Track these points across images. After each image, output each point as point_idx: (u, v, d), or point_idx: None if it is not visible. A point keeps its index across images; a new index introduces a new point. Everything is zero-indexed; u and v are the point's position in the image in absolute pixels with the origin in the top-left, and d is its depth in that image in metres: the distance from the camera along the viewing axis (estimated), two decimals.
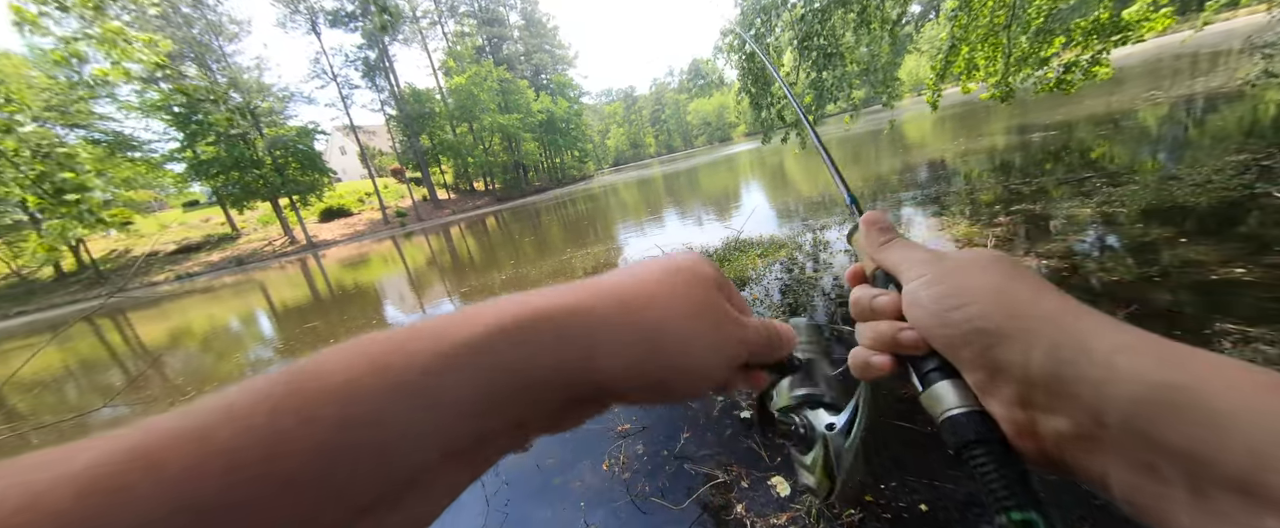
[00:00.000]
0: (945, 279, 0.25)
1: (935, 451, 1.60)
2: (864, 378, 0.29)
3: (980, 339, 0.23)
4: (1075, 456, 0.21)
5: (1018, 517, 0.21)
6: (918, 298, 0.26)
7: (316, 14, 34.64)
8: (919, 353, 0.26)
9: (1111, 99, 9.31)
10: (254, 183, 27.13)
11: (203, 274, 24.20)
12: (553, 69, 59.79)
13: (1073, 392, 0.20)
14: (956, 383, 0.25)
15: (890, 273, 0.29)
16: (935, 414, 0.25)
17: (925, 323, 0.25)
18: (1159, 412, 0.18)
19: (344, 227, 32.31)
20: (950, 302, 0.24)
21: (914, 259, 0.27)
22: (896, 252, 0.29)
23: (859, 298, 0.30)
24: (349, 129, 36.67)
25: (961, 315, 0.24)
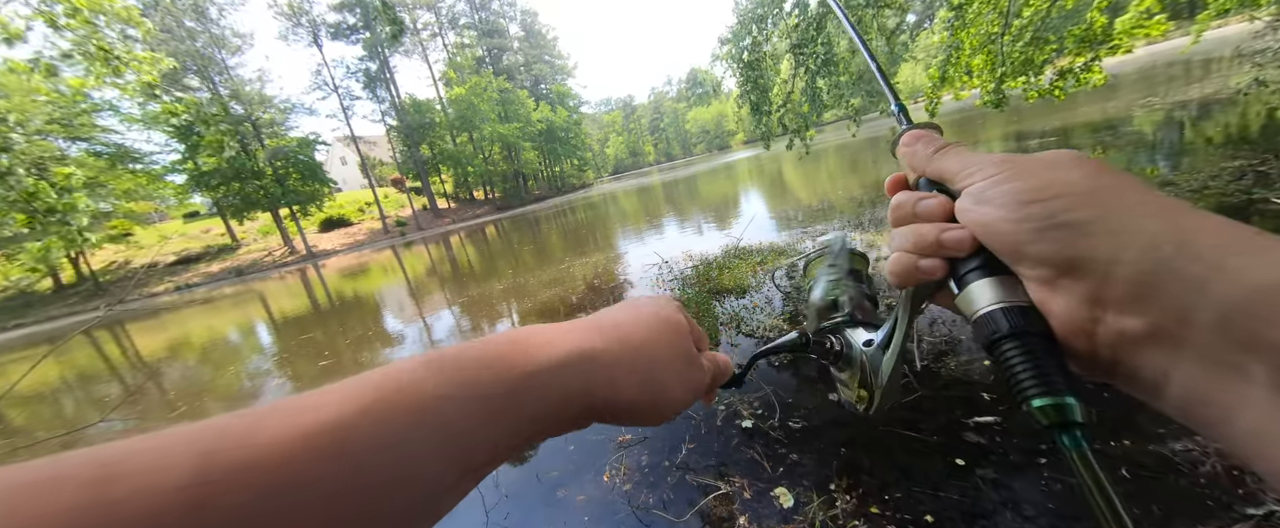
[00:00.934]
0: (1026, 175, 0.24)
1: (940, 460, 1.58)
2: (907, 284, 0.28)
3: (1062, 233, 0.22)
4: (1135, 355, 0.20)
5: (1046, 402, 0.20)
6: (986, 196, 0.25)
7: (319, 27, 35.06)
8: (963, 253, 0.26)
9: (1107, 105, 9.39)
10: (255, 194, 27.24)
11: (202, 285, 24.17)
12: (552, 79, 60.35)
13: (1164, 289, 0.19)
14: (1002, 279, 0.24)
15: (943, 180, 0.28)
16: (971, 312, 0.25)
17: (990, 218, 0.24)
18: (1269, 308, 0.17)
19: (344, 236, 32.35)
20: (1031, 195, 0.23)
21: (982, 161, 0.26)
22: (956, 157, 0.28)
23: (902, 202, 0.29)
24: (350, 139, 36.93)
25: (1043, 209, 0.23)
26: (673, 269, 5.00)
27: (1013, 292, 0.24)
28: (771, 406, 2.13)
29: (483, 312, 5.46)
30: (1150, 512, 1.23)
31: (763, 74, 7.31)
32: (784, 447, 1.85)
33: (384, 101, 37.52)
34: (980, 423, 1.69)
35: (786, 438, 1.89)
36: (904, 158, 0.31)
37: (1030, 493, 1.38)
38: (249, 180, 26.94)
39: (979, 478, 1.47)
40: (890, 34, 7.01)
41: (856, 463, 1.66)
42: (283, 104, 31.74)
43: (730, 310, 3.42)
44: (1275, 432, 0.17)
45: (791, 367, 2.47)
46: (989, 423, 1.68)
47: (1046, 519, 1.30)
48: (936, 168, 0.29)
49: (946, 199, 0.27)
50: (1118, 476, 1.35)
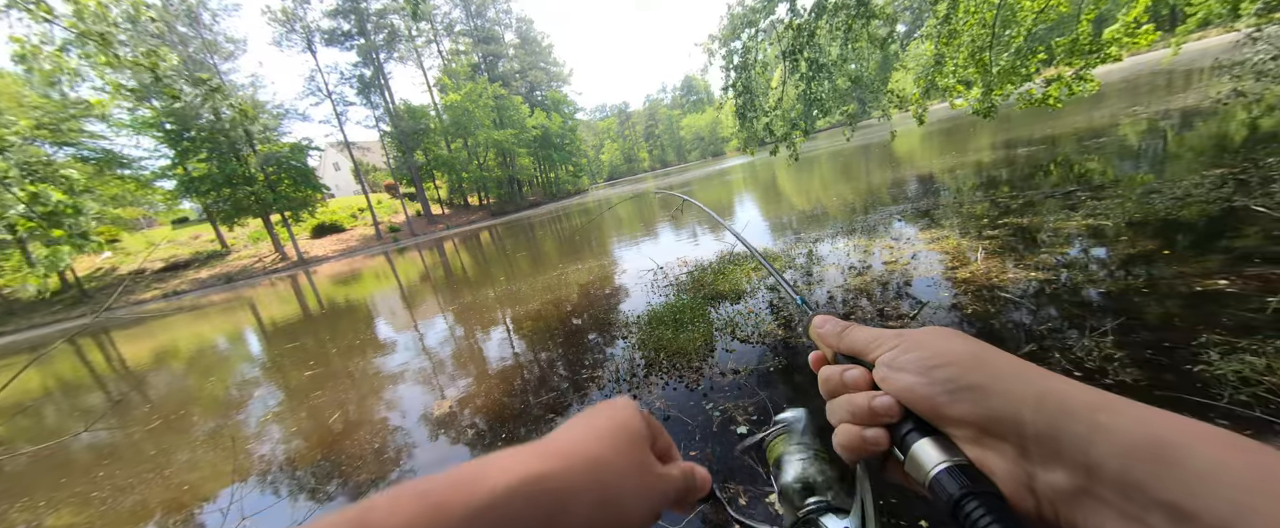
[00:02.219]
0: (921, 346, 0.28)
1: None
2: (859, 456, 0.30)
3: (970, 395, 0.24)
4: (1073, 512, 0.21)
5: None
6: (897, 363, 0.28)
7: (313, 33, 35.01)
8: (894, 418, 0.28)
9: (1094, 115, 9.58)
10: (246, 199, 26.99)
11: (191, 292, 23.81)
12: (548, 85, 60.59)
13: (1066, 445, 0.21)
14: (938, 439, 0.26)
15: (855, 354, 0.32)
16: (922, 476, 0.25)
17: (906, 384, 0.27)
18: (1147, 464, 0.19)
19: (336, 242, 32.08)
20: (932, 361, 0.26)
21: (882, 336, 0.30)
22: (861, 334, 0.32)
23: (829, 375, 0.32)
24: (343, 145, 36.72)
25: (946, 374, 0.25)
26: (668, 275, 5.01)
27: (950, 450, 0.25)
28: (767, 411, 2.13)
29: (476, 319, 5.42)
30: None
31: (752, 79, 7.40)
32: None
33: (378, 107, 37.45)
34: None
35: None
36: (817, 339, 0.35)
37: None
38: (240, 186, 26.70)
39: None
40: (882, 42, 7.13)
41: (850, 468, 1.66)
42: (275, 110, 31.57)
43: (725, 316, 3.43)
44: None
45: (789, 372, 2.48)
46: None
47: None
48: (847, 345, 0.32)
49: (865, 371, 0.30)
50: None
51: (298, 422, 3.50)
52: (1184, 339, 1.90)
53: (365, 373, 4.35)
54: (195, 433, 3.74)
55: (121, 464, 3.36)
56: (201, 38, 29.52)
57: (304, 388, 4.25)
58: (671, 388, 2.58)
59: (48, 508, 2.91)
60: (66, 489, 3.12)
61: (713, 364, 2.75)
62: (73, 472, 3.43)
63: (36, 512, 2.89)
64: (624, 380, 2.81)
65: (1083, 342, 2.05)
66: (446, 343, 4.84)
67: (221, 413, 4.12)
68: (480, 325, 5.10)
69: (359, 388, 3.96)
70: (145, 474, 3.11)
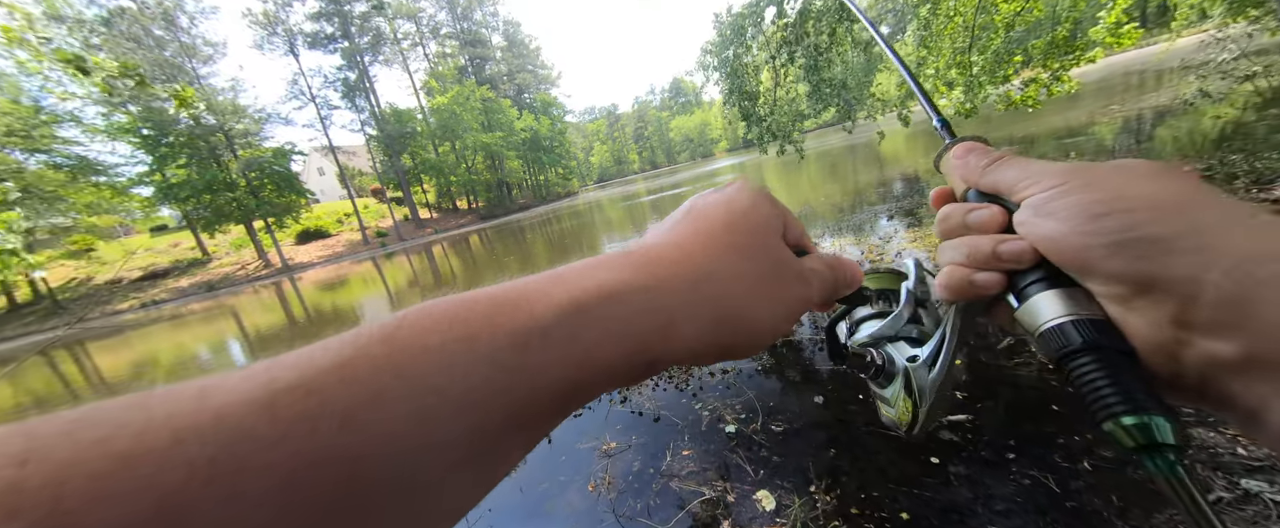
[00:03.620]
0: (1094, 186, 0.22)
1: (915, 459, 1.62)
2: (959, 298, 0.27)
3: (1139, 249, 0.20)
4: (1228, 382, 0.19)
5: (1132, 421, 0.18)
6: (1049, 208, 0.23)
7: (295, 36, 34.46)
8: (1023, 265, 0.24)
9: (1071, 114, 9.84)
10: (227, 206, 26.41)
11: (170, 301, 23.22)
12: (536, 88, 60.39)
13: (1261, 313, 0.17)
14: (1070, 291, 0.23)
15: (998, 192, 0.27)
16: (1035, 326, 0.23)
17: (1054, 232, 0.23)
18: None
19: (322, 248, 31.55)
20: (1103, 207, 0.21)
21: (1044, 170, 0.25)
22: (1013, 168, 0.26)
23: (950, 213, 0.28)
24: (327, 150, 36.17)
25: (1117, 223, 0.21)
26: None
27: (1084, 305, 0.22)
28: (754, 410, 2.16)
29: None
30: (1110, 502, 1.29)
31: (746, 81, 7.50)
32: (766, 450, 1.87)
33: (363, 111, 36.96)
34: (953, 421, 1.74)
35: (769, 442, 1.92)
36: (955, 170, 0.30)
37: (1001, 488, 1.43)
38: (221, 192, 26.13)
39: (952, 475, 1.52)
40: (865, 46, 7.26)
41: (836, 465, 1.70)
42: (257, 114, 30.98)
43: None
44: None
45: (777, 370, 2.51)
46: (961, 421, 1.74)
47: (1017, 514, 1.34)
48: (991, 180, 0.27)
49: (1001, 210, 0.26)
50: (1079, 467, 1.41)
51: None
52: None
53: None
54: None
55: None
56: (179, 41, 28.89)
57: None
58: (661, 389, 2.59)
59: None
60: None
61: None
62: None
63: None
64: None
65: None
66: None
67: None
68: None
69: None
70: None
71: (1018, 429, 1.64)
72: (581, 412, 2.53)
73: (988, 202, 0.27)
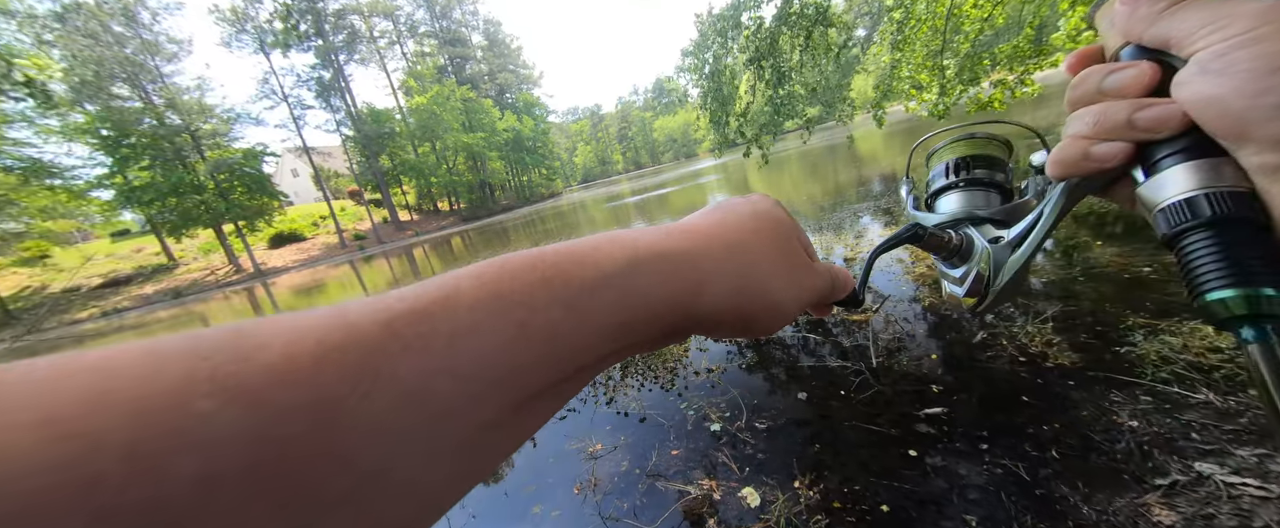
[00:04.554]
0: None
1: (895, 451, 1.67)
2: (1072, 174, 0.24)
3: None
4: None
5: (1240, 293, 0.17)
6: (1222, 61, 0.19)
7: (264, 33, 33.36)
8: (1165, 134, 0.21)
9: (1038, 114, 10.23)
10: (194, 209, 25.42)
11: (135, 309, 22.19)
12: (518, 88, 59.81)
13: None
14: (1212, 162, 0.20)
15: (1167, 46, 0.22)
16: (1158, 201, 0.20)
17: (1219, 91, 0.19)
18: None
19: (297, 252, 30.61)
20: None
21: (1241, 12, 0.20)
22: (1201, 11, 0.21)
23: (1086, 76, 0.24)
24: (301, 150, 35.13)
25: None
26: None
27: (1227, 177, 0.19)
28: (738, 408, 2.18)
29: None
30: (1077, 488, 1.34)
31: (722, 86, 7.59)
32: (751, 448, 1.89)
33: (339, 111, 36.01)
34: (929, 415, 1.80)
35: (753, 439, 1.94)
36: (1118, 19, 0.24)
37: (975, 478, 1.48)
38: (188, 195, 25.11)
39: (929, 467, 1.56)
40: (838, 50, 7.42)
41: (819, 460, 1.73)
42: (226, 114, 29.88)
43: None
44: None
45: (761, 368, 2.54)
46: (937, 414, 1.79)
47: (989, 502, 1.39)
48: (1163, 29, 0.22)
49: (1155, 68, 0.22)
50: (1048, 456, 1.47)
51: None
52: (1114, 323, 2.07)
53: None
54: None
55: None
56: (140, 37, 27.65)
57: None
58: (647, 389, 2.60)
59: None
60: None
61: (687, 364, 2.79)
62: None
63: None
64: (600, 384, 2.82)
65: (1026, 328, 2.20)
66: None
67: None
68: None
69: None
70: None
71: (990, 421, 1.70)
72: (566, 414, 2.52)
73: (1147, 59, 0.22)
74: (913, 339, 2.42)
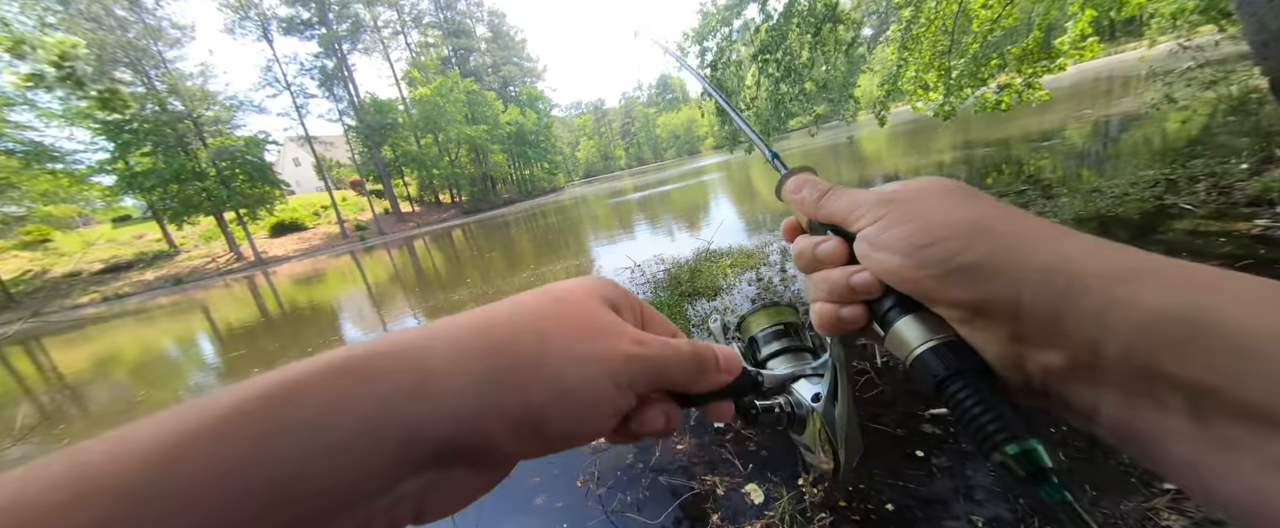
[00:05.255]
0: (910, 218, 0.24)
1: (899, 451, 1.66)
2: (834, 333, 0.28)
3: (963, 277, 0.21)
4: (1065, 388, 0.20)
5: (1015, 450, 0.19)
6: (879, 241, 0.24)
7: (269, 20, 33.14)
8: (874, 295, 0.25)
9: (1045, 118, 10.18)
10: (196, 196, 25.33)
11: (135, 295, 22.21)
12: (521, 81, 59.52)
13: (1069, 325, 0.19)
14: (922, 316, 0.24)
15: (833, 223, 0.28)
16: (905, 354, 0.24)
17: (890, 265, 0.24)
18: (1168, 340, 0.16)
19: (297, 241, 30.57)
20: (922, 238, 0.23)
21: (864, 202, 0.26)
22: (840, 200, 0.28)
23: (803, 249, 0.29)
24: (303, 139, 35.02)
25: (939, 253, 0.22)
26: (645, 273, 5.02)
27: (937, 328, 0.23)
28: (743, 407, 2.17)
29: None
30: (1084, 490, 1.34)
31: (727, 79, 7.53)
32: (754, 444, 1.89)
33: (342, 100, 35.84)
34: (935, 414, 1.79)
35: (757, 436, 1.94)
36: (793, 204, 0.32)
37: (979, 478, 1.48)
38: (189, 182, 25.04)
39: (934, 467, 1.56)
40: (847, 47, 7.35)
41: None
42: (228, 101, 29.75)
43: (701, 313, 3.47)
44: (1206, 462, 0.16)
45: None
46: (942, 415, 1.78)
47: (994, 502, 1.39)
48: (826, 213, 0.29)
49: (842, 242, 0.27)
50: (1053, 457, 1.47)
51: None
52: None
53: None
54: None
55: None
56: (143, 22, 27.48)
57: None
58: None
59: None
60: None
61: None
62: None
63: None
64: None
65: None
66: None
67: None
68: None
69: None
70: None
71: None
72: None
73: (830, 231, 0.29)
74: None
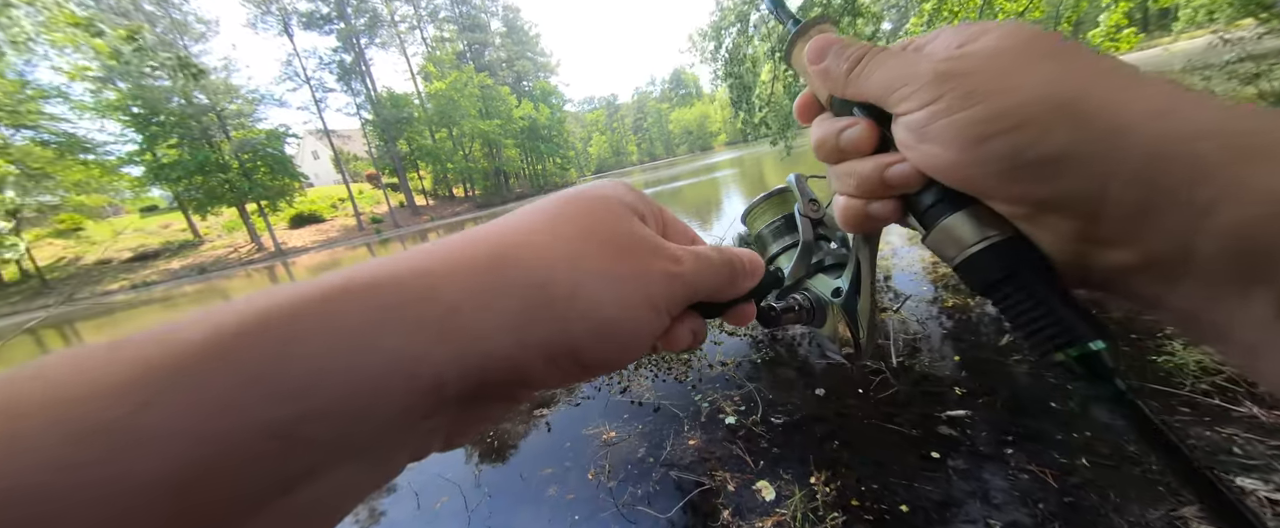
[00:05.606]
0: (973, 98, 0.19)
1: (915, 452, 1.64)
2: (862, 231, 0.26)
3: (1032, 171, 0.18)
4: (1129, 281, 0.18)
5: (1076, 352, 0.18)
6: (928, 132, 0.20)
7: (289, 15, 33.74)
8: (914, 189, 0.22)
9: None
10: (219, 187, 26.05)
11: (161, 283, 22.98)
12: (535, 76, 59.69)
13: (1161, 221, 0.16)
14: (974, 211, 0.21)
15: (865, 101, 0.23)
16: (954, 253, 0.21)
17: (941, 161, 0.20)
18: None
19: (316, 233, 31.26)
20: (986, 128, 0.18)
21: (914, 77, 0.20)
22: (879, 73, 0.22)
23: (824, 136, 0.24)
24: (322, 133, 35.69)
25: (1005, 145, 0.18)
26: None
27: (992, 223, 0.20)
28: (754, 402, 2.17)
29: None
30: (1108, 498, 1.30)
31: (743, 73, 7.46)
32: (766, 442, 1.88)
33: (359, 94, 36.43)
34: (952, 416, 1.76)
35: (768, 433, 1.93)
36: (813, 76, 0.25)
37: (997, 482, 1.45)
38: (213, 173, 25.74)
39: (951, 469, 1.53)
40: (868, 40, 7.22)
41: (836, 457, 1.71)
42: (250, 95, 30.45)
43: None
44: (1273, 349, 0.15)
45: (777, 363, 2.52)
46: (960, 417, 1.75)
47: (1013, 507, 1.36)
48: (858, 90, 0.23)
49: (873, 125, 0.23)
50: (1077, 464, 1.43)
51: None
52: (1150, 331, 1.99)
53: None
54: None
55: None
56: (170, 17, 28.22)
57: None
58: (661, 380, 2.60)
59: None
60: None
61: (701, 357, 2.78)
62: None
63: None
64: (613, 374, 2.83)
65: None
66: None
67: None
68: None
69: None
70: None
71: (1015, 425, 1.66)
72: (579, 401, 2.53)
73: (857, 109, 0.24)
74: (933, 340, 2.37)
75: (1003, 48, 0.19)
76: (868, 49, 0.23)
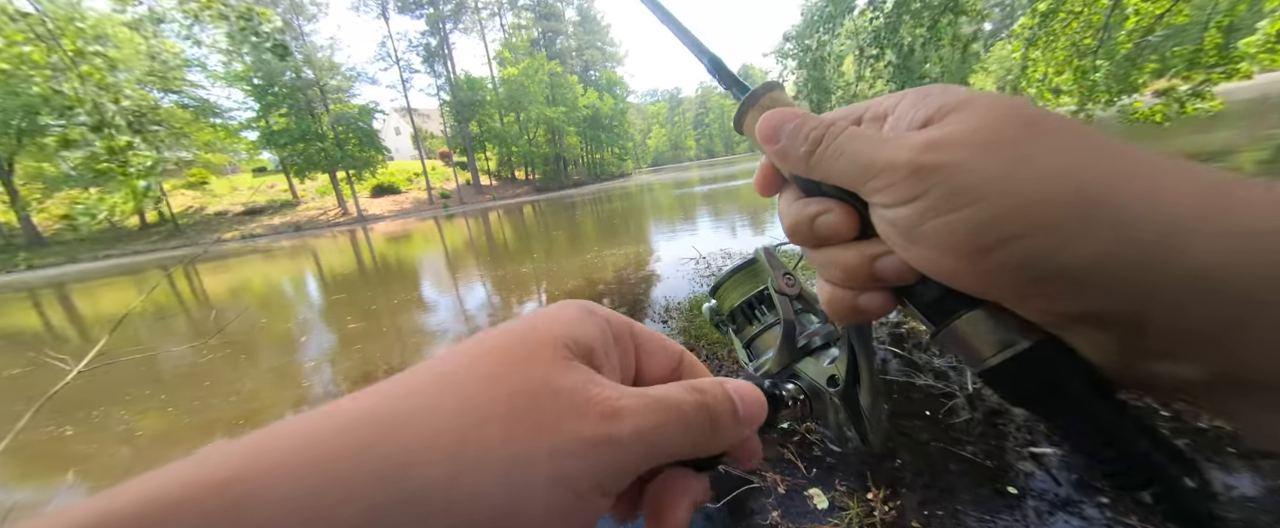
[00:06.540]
0: (963, 199, 0.15)
1: (989, 485, 1.52)
2: (852, 322, 0.23)
3: (1058, 286, 0.15)
4: (1198, 395, 0.15)
5: (1162, 491, 0.15)
6: (920, 233, 0.17)
7: None
8: (910, 282, 0.19)
9: (1209, 136, 8.52)
10: (316, 155, 28.99)
11: (263, 236, 26.04)
12: (602, 65, 60.60)
13: (1216, 347, 0.13)
14: (991, 309, 0.17)
15: (833, 183, 0.20)
16: (977, 361, 0.18)
17: (940, 267, 0.17)
18: None
19: (392, 203, 33.96)
20: (991, 235, 0.15)
21: (885, 165, 0.17)
22: (844, 158, 0.19)
23: (796, 220, 0.21)
24: (405, 111, 38.54)
25: (1019, 255, 0.15)
26: (711, 265, 4.97)
27: (1015, 325, 0.17)
28: None
29: (514, 290, 5.63)
30: None
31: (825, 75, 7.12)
32: (819, 449, 1.82)
33: (440, 76, 38.88)
34: (1037, 454, 1.61)
35: (823, 441, 1.86)
36: (772, 155, 0.22)
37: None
38: (313, 142, 28.66)
39: (1031, 509, 1.41)
40: (967, 42, 6.61)
41: (898, 476, 1.62)
42: (349, 72, 33.47)
43: None
44: None
45: None
46: (1046, 455, 1.60)
47: None
48: (824, 174, 0.20)
49: (850, 210, 0.20)
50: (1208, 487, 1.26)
51: (348, 366, 3.80)
52: None
53: (410, 329, 4.64)
54: (262, 364, 4.14)
55: (197, 384, 3.78)
56: None
57: (355, 337, 4.58)
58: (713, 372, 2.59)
59: (136, 414, 3.33)
60: (152, 400, 3.55)
61: None
62: (158, 385, 3.89)
63: (129, 417, 3.32)
64: None
65: None
66: (484, 309, 5.06)
67: (287, 349, 4.53)
68: (517, 297, 5.29)
69: (403, 342, 4.24)
70: (220, 393, 3.49)
71: None
72: None
73: (825, 190, 0.21)
74: None
75: (985, 126, 0.16)
76: (826, 127, 0.20)
